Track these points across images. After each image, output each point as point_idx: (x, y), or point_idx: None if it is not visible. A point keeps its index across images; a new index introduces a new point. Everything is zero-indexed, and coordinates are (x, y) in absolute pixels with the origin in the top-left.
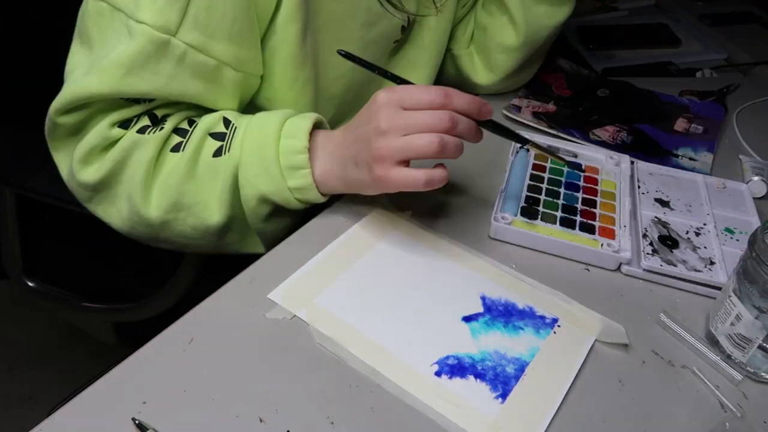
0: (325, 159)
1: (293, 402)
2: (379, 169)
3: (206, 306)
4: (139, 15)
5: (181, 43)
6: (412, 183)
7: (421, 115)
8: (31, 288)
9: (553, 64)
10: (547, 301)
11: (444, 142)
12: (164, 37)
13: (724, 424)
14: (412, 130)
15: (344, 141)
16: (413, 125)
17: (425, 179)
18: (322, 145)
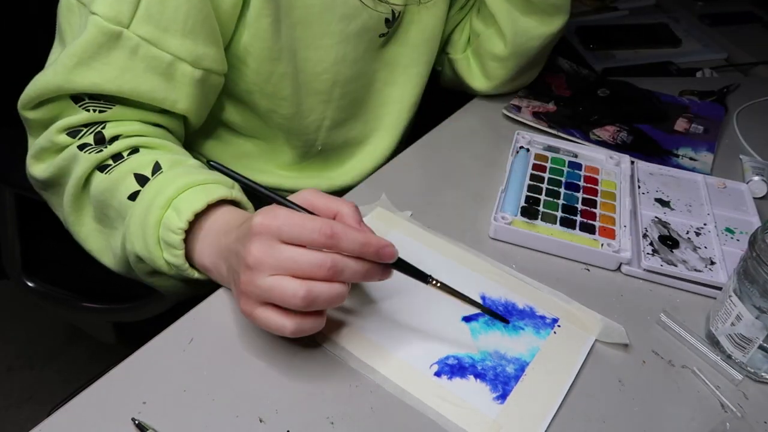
0: (209, 249)
1: (293, 402)
2: (244, 304)
3: (206, 306)
4: (93, 6)
5: (134, 35)
6: (275, 330)
7: (296, 256)
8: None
9: (553, 64)
10: (547, 301)
11: (312, 296)
12: (116, 29)
13: (724, 424)
14: (283, 271)
15: (232, 245)
16: (285, 267)
17: (292, 329)
18: (211, 231)
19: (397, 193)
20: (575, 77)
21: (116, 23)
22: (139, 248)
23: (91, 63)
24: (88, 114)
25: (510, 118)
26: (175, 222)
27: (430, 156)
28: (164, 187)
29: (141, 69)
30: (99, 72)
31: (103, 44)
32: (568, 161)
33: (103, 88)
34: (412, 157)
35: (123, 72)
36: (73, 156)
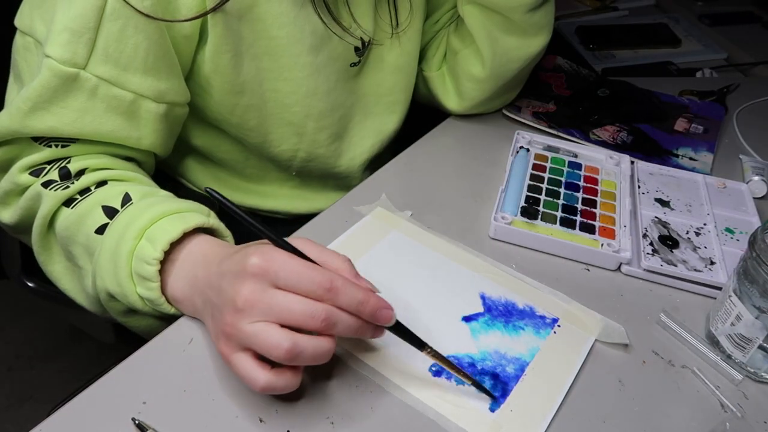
0: (182, 281)
1: (293, 402)
2: (223, 346)
3: None
4: (47, 49)
5: (92, 76)
6: (247, 381)
7: (290, 304)
8: (31, 288)
9: (553, 64)
10: (547, 301)
11: (297, 350)
12: (71, 71)
13: (724, 424)
14: (273, 318)
15: (212, 277)
16: (276, 314)
17: (263, 385)
18: (186, 261)
19: (397, 193)
20: (575, 77)
21: (72, 65)
22: (110, 284)
23: (48, 107)
24: (51, 150)
25: (510, 118)
26: (150, 252)
27: (430, 156)
28: (136, 217)
29: (101, 109)
30: (56, 116)
31: (58, 88)
32: (568, 161)
33: (62, 131)
34: (412, 157)
35: (82, 114)
36: (37, 195)
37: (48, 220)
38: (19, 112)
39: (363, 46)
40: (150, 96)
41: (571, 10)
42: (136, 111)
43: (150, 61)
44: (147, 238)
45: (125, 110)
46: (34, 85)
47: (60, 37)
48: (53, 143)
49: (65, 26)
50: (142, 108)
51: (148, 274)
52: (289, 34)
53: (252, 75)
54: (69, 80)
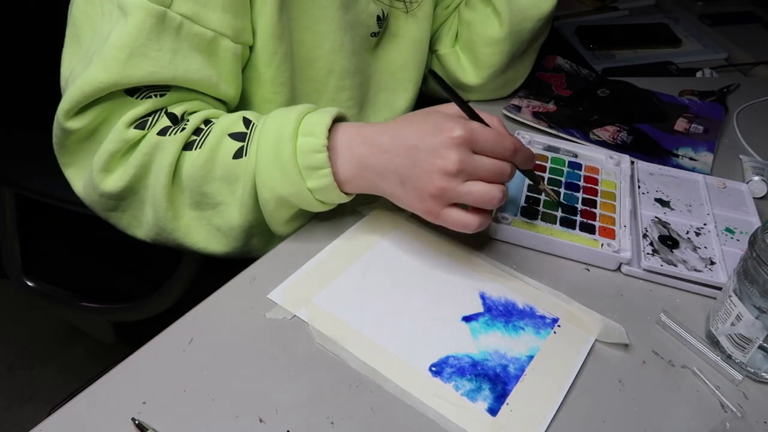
0: (353, 160)
1: (293, 402)
2: (433, 205)
3: (206, 306)
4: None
5: (177, 14)
6: (463, 227)
7: (489, 165)
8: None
9: (553, 64)
10: (547, 301)
11: (505, 195)
12: (161, 9)
13: (724, 424)
14: (476, 177)
15: (388, 149)
16: (478, 174)
17: (478, 224)
18: (347, 143)
19: None
20: (575, 77)
21: (160, 3)
22: (283, 188)
23: (145, 51)
24: (151, 101)
25: (510, 118)
26: (315, 143)
27: None
28: (281, 125)
29: (187, 49)
30: (153, 60)
31: (152, 28)
32: (568, 161)
33: (161, 75)
34: None
35: (174, 55)
36: (155, 145)
37: (173, 168)
38: (117, 61)
39: (383, 16)
40: (228, 34)
41: (571, 10)
42: (215, 50)
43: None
44: (303, 135)
45: (206, 49)
46: (129, 30)
47: None
48: (152, 94)
49: None
50: (220, 47)
51: (319, 163)
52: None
53: (286, 23)
54: (159, 19)
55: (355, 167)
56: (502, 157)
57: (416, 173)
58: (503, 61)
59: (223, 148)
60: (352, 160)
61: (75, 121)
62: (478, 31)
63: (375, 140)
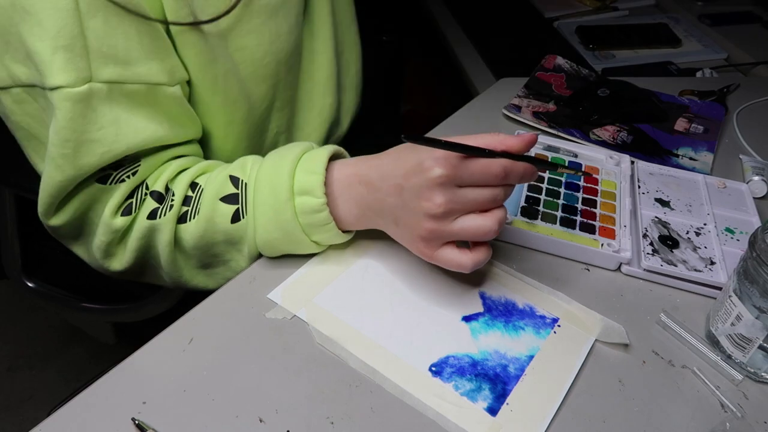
0: (352, 202)
1: (293, 402)
2: (425, 247)
3: (206, 306)
4: (49, 81)
5: (101, 84)
6: (458, 267)
7: (477, 196)
8: (31, 288)
9: (553, 64)
10: (547, 301)
11: (501, 224)
12: (83, 89)
13: (724, 424)
14: (466, 211)
15: (379, 188)
16: (470, 207)
17: (472, 264)
18: (344, 186)
19: None
20: (575, 77)
21: (81, 82)
22: (288, 247)
23: (88, 137)
24: (126, 183)
25: (510, 117)
26: (314, 202)
27: None
28: (272, 185)
29: (125, 111)
30: (101, 141)
31: (84, 112)
32: (568, 161)
33: (114, 153)
34: None
35: (116, 125)
36: (150, 229)
37: (174, 243)
38: (65, 158)
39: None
40: (163, 81)
41: (571, 10)
42: (155, 100)
43: (146, 44)
44: (300, 194)
45: (144, 102)
46: (62, 124)
47: (56, 61)
48: (123, 175)
49: (54, 47)
50: (159, 95)
51: (322, 221)
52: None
53: (216, 39)
54: (88, 98)
55: (355, 208)
56: (492, 184)
57: (406, 214)
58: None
59: (219, 215)
60: (352, 202)
61: (56, 218)
62: None
63: (368, 178)
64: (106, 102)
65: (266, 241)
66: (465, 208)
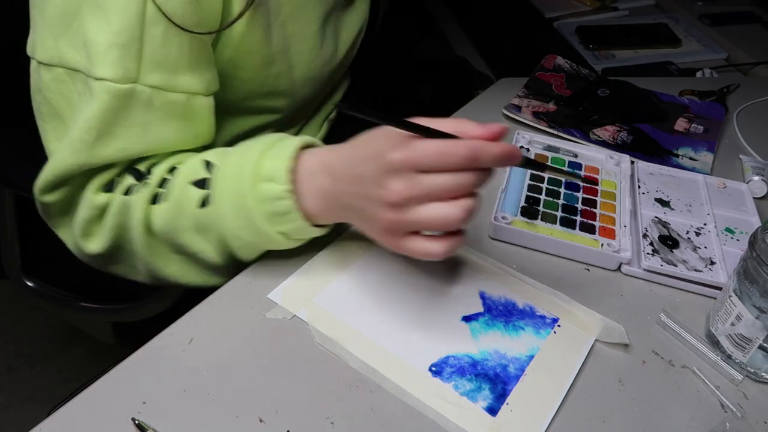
0: (318, 194)
1: (293, 402)
2: (389, 240)
3: (206, 306)
4: (97, 71)
5: (146, 87)
6: (426, 256)
7: (441, 182)
8: (30, 288)
9: (553, 64)
10: (547, 301)
11: (469, 213)
12: (127, 88)
13: (724, 424)
14: (431, 200)
15: (341, 179)
16: (435, 194)
17: (444, 251)
18: (310, 176)
19: None
20: (575, 77)
21: (126, 81)
22: (251, 236)
23: (113, 130)
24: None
25: (510, 117)
26: (278, 189)
27: None
28: (240, 170)
29: (160, 118)
30: (123, 137)
31: (119, 108)
32: (568, 161)
33: (131, 151)
34: None
35: (145, 128)
36: (124, 205)
37: (146, 224)
38: (84, 144)
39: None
40: (201, 91)
41: (571, 10)
42: (191, 110)
43: (194, 56)
44: (265, 180)
45: (181, 112)
46: (94, 113)
47: (109, 56)
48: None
49: (111, 42)
50: (195, 105)
51: (286, 208)
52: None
53: (281, 44)
54: (127, 97)
55: (321, 200)
56: (460, 168)
57: (368, 205)
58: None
59: (187, 199)
60: (317, 193)
61: (50, 196)
62: None
63: (331, 169)
64: (144, 105)
65: (233, 232)
66: (427, 196)
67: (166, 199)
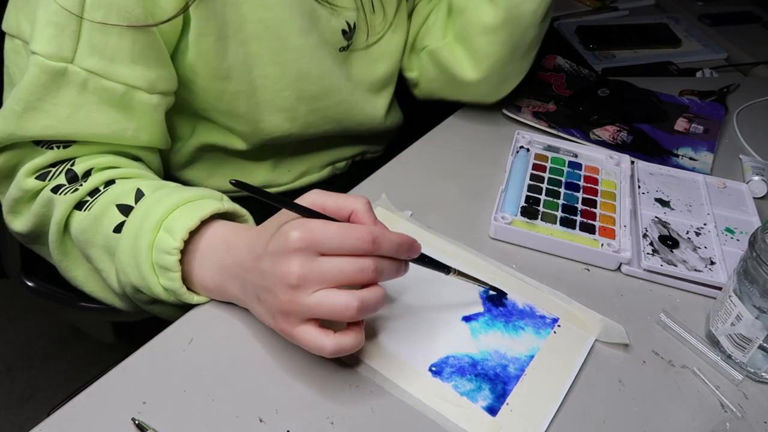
0: (210, 270)
1: (293, 402)
2: (284, 323)
3: (206, 306)
4: (32, 45)
5: (81, 69)
6: (315, 349)
7: (340, 265)
8: (31, 288)
9: (553, 64)
10: (547, 301)
11: (365, 305)
12: (59, 66)
13: (724, 424)
14: (327, 284)
15: (242, 261)
16: (331, 279)
17: (332, 349)
18: (212, 249)
19: (397, 193)
20: (575, 77)
21: (59, 59)
22: (134, 277)
23: (40, 105)
24: (54, 152)
25: (510, 118)
26: (169, 243)
27: (430, 156)
28: (151, 210)
29: (93, 103)
30: (49, 114)
31: (48, 84)
32: (568, 161)
33: (57, 129)
34: (412, 156)
35: (75, 110)
36: (49, 200)
37: (63, 225)
38: (13, 113)
39: (350, 29)
40: (142, 86)
41: (571, 10)
42: (128, 103)
43: (137, 49)
44: (165, 229)
45: (117, 102)
46: (24, 84)
47: (44, 32)
48: (55, 145)
49: (48, 20)
50: (134, 99)
51: (168, 264)
52: (276, 16)
53: (240, 61)
54: (58, 75)
55: (217, 275)
56: (360, 251)
57: (265, 287)
58: (503, 52)
59: (107, 218)
60: (215, 268)
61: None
62: (471, 18)
63: (236, 248)
64: (77, 87)
65: (122, 266)
66: (324, 279)
67: (89, 210)
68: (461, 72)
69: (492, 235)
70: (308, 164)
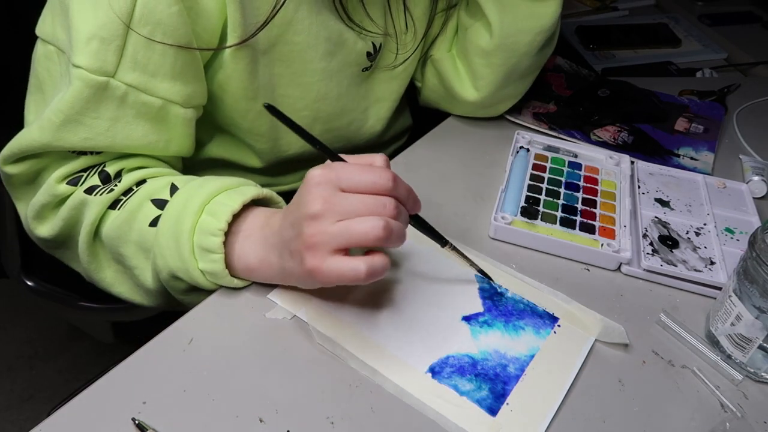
0: (254, 246)
1: (293, 402)
2: (312, 259)
3: (206, 306)
4: (75, 59)
5: (121, 84)
6: (350, 275)
7: (361, 198)
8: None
9: (553, 64)
10: (547, 301)
11: (390, 227)
12: (101, 80)
13: (724, 424)
14: (351, 214)
15: (281, 226)
16: (352, 210)
17: (366, 270)
18: (253, 229)
19: None
20: (575, 77)
21: (102, 73)
22: (173, 262)
23: (80, 118)
24: (85, 158)
25: (510, 119)
26: (214, 224)
27: (430, 156)
28: (192, 196)
29: (131, 116)
30: (89, 127)
31: (90, 98)
32: (568, 161)
33: (96, 142)
34: (413, 157)
35: (114, 123)
36: (82, 202)
37: (96, 226)
38: (51, 125)
39: (375, 51)
40: (178, 101)
41: (571, 10)
42: (164, 116)
43: (178, 66)
44: (208, 213)
45: (154, 116)
46: (66, 97)
47: (89, 46)
48: (87, 151)
49: (94, 34)
50: (170, 113)
51: (212, 246)
52: (304, 41)
53: (266, 80)
54: (100, 89)
55: (261, 251)
56: (377, 190)
57: (293, 235)
58: (497, 75)
59: (142, 213)
60: (258, 244)
61: (12, 167)
62: (471, 38)
63: (275, 222)
64: (117, 101)
65: (161, 250)
66: (346, 209)
67: (123, 207)
68: (460, 88)
69: (492, 236)
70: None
